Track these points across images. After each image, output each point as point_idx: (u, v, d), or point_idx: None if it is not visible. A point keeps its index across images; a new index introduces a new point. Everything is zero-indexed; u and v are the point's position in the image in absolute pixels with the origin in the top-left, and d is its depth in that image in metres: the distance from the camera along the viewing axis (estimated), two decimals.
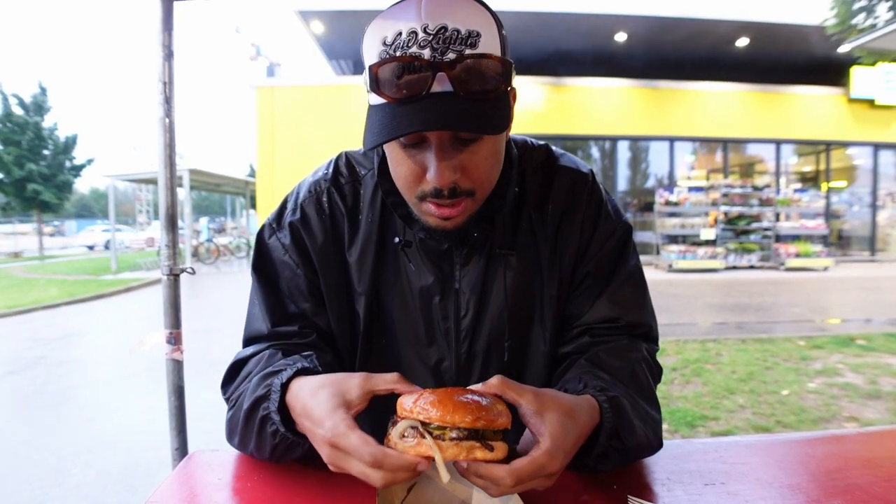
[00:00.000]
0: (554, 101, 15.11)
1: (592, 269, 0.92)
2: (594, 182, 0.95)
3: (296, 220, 0.91)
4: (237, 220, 28.85)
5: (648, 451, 0.83)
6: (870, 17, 8.33)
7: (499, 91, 0.69)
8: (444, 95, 0.66)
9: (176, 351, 1.48)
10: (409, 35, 0.66)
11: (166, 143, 1.44)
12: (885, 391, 4.11)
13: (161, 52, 1.42)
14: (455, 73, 0.65)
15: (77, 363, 5.71)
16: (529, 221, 0.92)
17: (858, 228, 17.32)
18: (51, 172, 24.30)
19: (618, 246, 0.94)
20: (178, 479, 0.82)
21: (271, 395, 0.73)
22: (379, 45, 0.68)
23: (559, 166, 0.94)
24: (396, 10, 0.69)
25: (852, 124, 16.07)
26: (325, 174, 0.94)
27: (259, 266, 0.94)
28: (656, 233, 14.22)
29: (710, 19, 14.80)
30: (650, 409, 0.84)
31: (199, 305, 9.49)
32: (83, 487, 3.00)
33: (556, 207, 0.92)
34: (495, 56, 0.68)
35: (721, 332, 6.47)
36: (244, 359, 0.87)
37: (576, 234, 0.92)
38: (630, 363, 0.86)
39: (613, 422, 0.73)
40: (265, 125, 14.61)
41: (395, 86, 0.66)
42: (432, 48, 0.65)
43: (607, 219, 0.94)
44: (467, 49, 0.66)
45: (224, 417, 0.87)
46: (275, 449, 0.76)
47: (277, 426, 0.72)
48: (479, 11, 0.69)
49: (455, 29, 0.66)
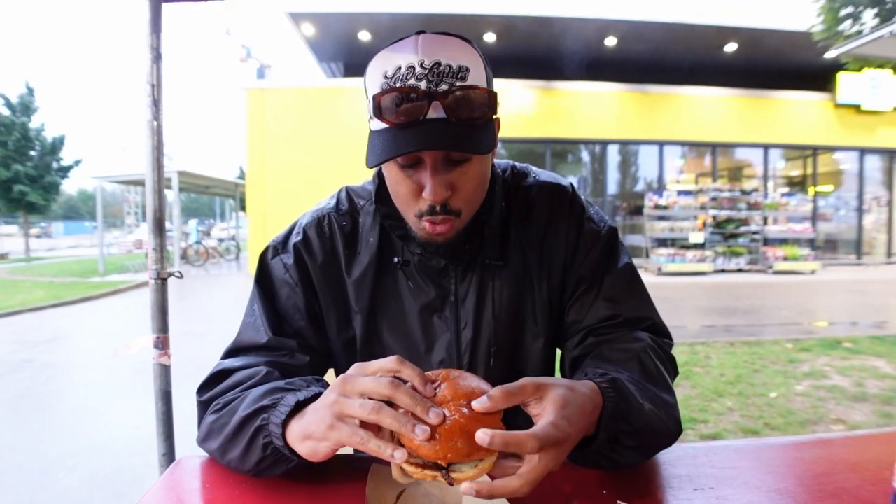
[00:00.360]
0: (544, 104, 15.15)
1: (584, 274, 0.98)
2: (574, 193, 1.03)
3: (298, 241, 0.98)
4: (227, 222, 28.70)
5: (666, 437, 0.83)
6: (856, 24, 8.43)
7: (485, 118, 0.79)
8: (438, 121, 0.75)
9: (163, 355, 1.46)
10: (407, 69, 0.75)
11: (154, 146, 1.42)
12: (871, 393, 4.15)
13: (149, 54, 1.41)
14: (448, 102, 0.75)
15: (63, 366, 5.64)
16: (517, 234, 0.99)
17: (845, 232, 17.49)
18: (38, 173, 24.03)
19: (605, 248, 1.00)
20: (164, 486, 0.81)
21: (279, 406, 0.73)
22: (381, 78, 0.77)
23: (540, 182, 1.03)
24: (396, 48, 0.78)
25: (839, 129, 16.24)
26: (328, 204, 1.02)
27: (261, 281, 0.99)
28: (645, 236, 14.27)
29: (699, 25, 14.93)
30: (661, 392, 0.84)
31: (188, 308, 9.42)
32: (69, 492, 2.96)
33: (541, 219, 1.00)
34: (482, 88, 0.78)
35: (710, 335, 6.52)
36: (233, 369, 0.88)
37: (561, 242, 0.99)
38: (635, 352, 0.88)
39: (616, 401, 0.74)
40: (255, 127, 14.53)
41: (394, 112, 0.75)
42: (428, 80, 0.75)
43: (590, 224, 1.01)
44: (458, 81, 0.76)
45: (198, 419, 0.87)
46: (260, 462, 0.75)
47: (273, 439, 0.72)
48: (468, 50, 0.79)
49: (448, 64, 0.76)
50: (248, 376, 0.84)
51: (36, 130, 24.42)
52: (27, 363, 5.71)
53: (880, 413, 3.79)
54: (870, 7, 8.28)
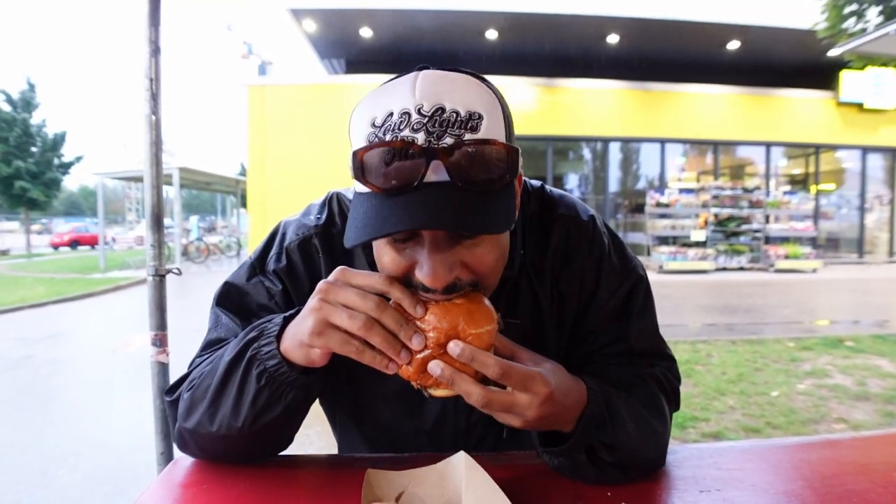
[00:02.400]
0: (546, 101, 15.13)
1: (597, 328, 0.88)
2: (595, 230, 0.88)
3: (281, 267, 0.85)
4: (227, 218, 28.70)
5: (647, 463, 0.80)
6: (860, 22, 8.40)
7: (503, 181, 0.61)
8: (439, 186, 0.58)
9: (161, 353, 1.45)
10: (401, 116, 0.58)
11: (152, 141, 1.41)
12: (873, 392, 4.13)
13: (148, 48, 1.40)
14: (453, 161, 0.57)
15: (64, 363, 5.63)
16: (529, 281, 0.86)
17: (847, 231, 17.48)
18: (39, 170, 24.07)
19: (624, 301, 0.87)
20: (162, 486, 0.80)
21: (269, 328, 0.70)
22: (367, 127, 0.60)
23: (557, 216, 0.87)
24: (388, 89, 0.62)
25: (841, 128, 16.22)
26: (317, 218, 0.87)
27: (227, 306, 0.86)
28: (647, 234, 14.29)
29: (701, 22, 14.91)
30: (652, 418, 0.79)
31: (188, 305, 9.41)
32: (70, 489, 2.95)
33: (555, 263, 0.86)
34: (499, 142, 0.60)
35: (711, 333, 6.50)
36: (198, 364, 0.82)
37: (576, 289, 0.87)
38: (638, 377, 0.84)
39: (601, 409, 0.72)
40: (256, 124, 14.52)
41: (383, 174, 0.58)
42: (427, 131, 0.58)
43: (611, 271, 0.87)
44: (467, 133, 0.59)
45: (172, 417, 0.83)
46: (255, 399, 0.70)
47: (267, 362, 0.68)
48: (481, 90, 0.62)
49: (454, 110, 0.59)
50: (215, 353, 0.79)
51: (37, 126, 24.44)
52: (28, 360, 5.71)
53: (882, 412, 3.77)
54: (874, 4, 8.24)
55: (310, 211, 0.89)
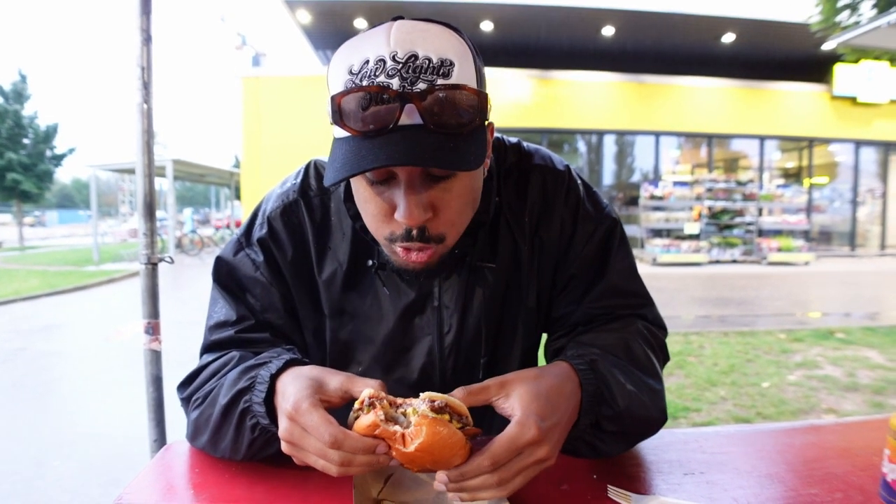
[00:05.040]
0: (540, 94, 15.11)
1: (576, 271, 0.90)
2: (570, 178, 0.90)
3: (264, 235, 0.87)
4: (222, 210, 28.58)
5: (650, 423, 0.81)
6: (854, 15, 8.39)
7: (473, 125, 0.64)
8: (413, 128, 0.61)
9: (154, 341, 1.46)
10: (376, 63, 0.61)
11: (144, 130, 1.41)
12: (862, 383, 4.17)
13: (139, 36, 1.39)
14: (425, 105, 0.60)
15: (58, 355, 5.62)
16: (508, 229, 0.88)
17: (839, 224, 17.57)
18: (31, 162, 23.86)
19: (601, 244, 0.90)
20: (154, 470, 0.80)
21: (256, 386, 0.71)
22: (344, 74, 0.63)
23: (532, 166, 0.90)
24: (364, 38, 0.65)
25: (835, 121, 16.26)
26: (293, 185, 0.89)
27: (221, 280, 0.89)
28: (641, 227, 14.32)
29: (696, 15, 14.87)
30: (646, 377, 0.81)
31: (182, 297, 9.40)
32: (65, 480, 2.96)
33: (533, 211, 0.89)
34: (470, 87, 0.63)
35: (704, 325, 6.55)
36: (208, 362, 0.83)
37: (554, 237, 0.89)
38: (621, 335, 0.84)
39: (596, 385, 0.72)
40: (251, 115, 14.45)
41: (360, 118, 0.61)
42: (401, 77, 0.60)
43: (586, 217, 0.89)
44: (439, 79, 0.62)
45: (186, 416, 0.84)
46: (251, 444, 0.74)
47: (259, 419, 0.71)
48: (453, 40, 0.65)
49: (426, 57, 0.61)
50: (222, 364, 0.80)
51: (29, 118, 24.22)
52: (21, 352, 5.69)
53: (871, 402, 3.82)
54: None
55: (287, 180, 0.91)
